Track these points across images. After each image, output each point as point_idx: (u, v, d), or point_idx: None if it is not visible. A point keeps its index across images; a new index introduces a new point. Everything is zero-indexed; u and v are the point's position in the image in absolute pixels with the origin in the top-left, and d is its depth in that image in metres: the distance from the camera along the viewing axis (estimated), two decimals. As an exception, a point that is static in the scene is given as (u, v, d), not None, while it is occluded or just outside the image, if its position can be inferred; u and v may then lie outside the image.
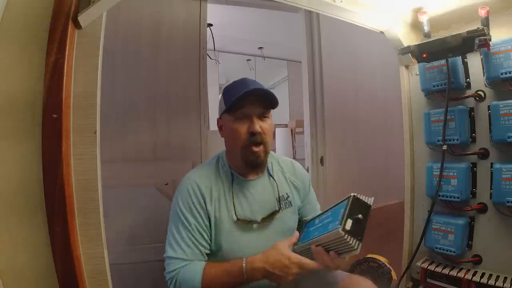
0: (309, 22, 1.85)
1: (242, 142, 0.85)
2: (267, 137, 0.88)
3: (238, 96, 0.83)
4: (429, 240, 1.09)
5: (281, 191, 0.95)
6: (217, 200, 0.88)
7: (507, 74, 0.93)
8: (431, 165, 1.11)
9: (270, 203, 0.93)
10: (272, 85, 5.42)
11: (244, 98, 0.83)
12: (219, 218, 0.87)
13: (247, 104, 0.85)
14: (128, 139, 1.36)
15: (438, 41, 1.01)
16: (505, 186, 0.93)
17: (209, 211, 0.86)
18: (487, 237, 1.00)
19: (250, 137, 0.85)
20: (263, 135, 0.86)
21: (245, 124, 0.85)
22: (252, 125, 0.84)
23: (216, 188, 0.89)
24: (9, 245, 0.62)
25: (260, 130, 0.85)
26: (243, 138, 0.85)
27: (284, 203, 0.95)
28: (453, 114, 1.05)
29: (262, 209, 0.91)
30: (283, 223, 0.94)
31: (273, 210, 0.92)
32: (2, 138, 0.62)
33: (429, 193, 1.12)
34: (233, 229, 0.87)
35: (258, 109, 0.86)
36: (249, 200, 0.91)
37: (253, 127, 0.84)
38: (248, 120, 0.85)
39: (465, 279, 0.98)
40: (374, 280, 0.96)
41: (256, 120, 0.85)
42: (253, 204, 0.91)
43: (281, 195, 0.95)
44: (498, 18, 0.98)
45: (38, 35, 0.64)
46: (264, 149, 0.87)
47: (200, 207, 0.86)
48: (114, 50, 1.33)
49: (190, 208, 0.85)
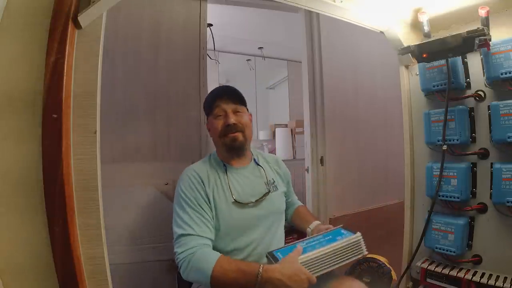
0: (309, 22, 1.85)
1: (220, 132, 1.00)
2: (244, 127, 1.01)
3: (211, 96, 1.02)
4: (429, 240, 1.09)
5: (268, 176, 1.08)
6: (214, 185, 0.98)
7: (507, 74, 0.93)
8: (431, 165, 1.11)
9: (260, 186, 1.04)
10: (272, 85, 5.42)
11: (217, 99, 1.01)
12: (218, 200, 0.96)
13: (221, 103, 1.00)
14: (128, 139, 1.36)
15: (438, 41, 1.01)
16: (505, 186, 0.93)
17: (208, 193, 0.95)
18: (487, 237, 1.00)
19: (226, 127, 0.99)
20: (239, 124, 1.00)
21: (222, 119, 1.00)
22: (226, 118, 0.99)
23: (212, 176, 1.00)
24: (9, 245, 0.62)
25: (235, 121, 0.99)
26: (221, 129, 1.00)
27: (271, 186, 1.07)
28: (453, 114, 1.05)
29: (254, 191, 1.02)
30: (272, 204, 1.04)
31: (264, 192, 1.03)
32: (2, 138, 0.62)
33: (429, 193, 1.12)
34: (230, 209, 0.96)
35: (231, 105, 1.00)
36: (241, 185, 1.01)
37: (227, 120, 0.99)
38: (224, 116, 1.00)
39: (465, 279, 0.98)
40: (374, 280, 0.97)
41: (230, 115, 0.99)
42: (245, 188, 1.01)
43: (269, 180, 1.07)
44: (498, 18, 0.98)
45: (38, 35, 0.64)
46: (242, 135, 1.01)
47: (201, 188, 0.95)
48: (114, 50, 1.33)
49: (192, 189, 0.94)
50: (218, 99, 1.01)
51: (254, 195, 1.01)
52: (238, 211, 0.97)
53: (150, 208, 1.35)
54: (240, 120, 1.01)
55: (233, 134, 0.99)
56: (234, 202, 0.96)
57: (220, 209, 0.95)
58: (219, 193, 0.97)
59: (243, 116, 1.03)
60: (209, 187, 0.96)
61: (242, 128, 1.01)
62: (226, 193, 0.97)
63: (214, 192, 0.96)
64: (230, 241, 0.95)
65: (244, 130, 1.01)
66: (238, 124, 1.00)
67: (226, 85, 1.06)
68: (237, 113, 1.01)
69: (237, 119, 1.00)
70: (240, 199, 0.97)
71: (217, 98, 1.01)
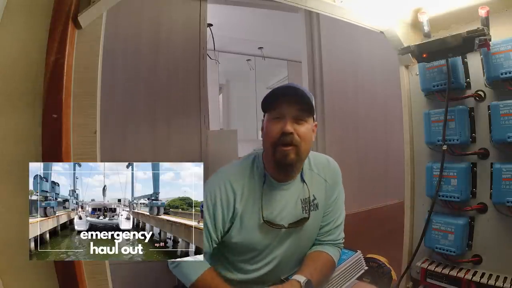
0: (309, 22, 1.85)
1: (273, 140, 0.85)
2: (302, 141, 0.85)
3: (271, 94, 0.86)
4: (429, 240, 1.09)
5: (310, 192, 0.94)
6: (248, 199, 0.88)
7: (507, 74, 0.93)
8: (431, 165, 1.11)
9: (299, 209, 0.92)
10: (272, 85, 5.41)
11: (281, 98, 0.85)
12: (246, 218, 0.87)
13: (283, 104, 0.85)
14: (128, 139, 1.36)
15: (438, 41, 1.01)
16: (505, 186, 0.93)
17: (237, 208, 0.87)
18: (487, 237, 1.00)
19: (281, 136, 0.84)
20: (296, 137, 0.84)
21: (279, 124, 0.85)
22: (284, 125, 0.84)
23: (248, 187, 0.89)
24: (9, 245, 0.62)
25: (292, 131, 0.84)
26: (275, 136, 0.85)
27: (312, 205, 0.94)
28: (453, 114, 1.05)
29: (290, 214, 0.90)
30: (306, 230, 0.93)
31: (302, 217, 0.91)
32: (2, 138, 0.62)
33: (429, 193, 1.12)
34: (257, 229, 0.87)
35: (294, 111, 0.85)
36: (278, 204, 0.90)
37: (285, 127, 0.83)
38: (282, 121, 0.85)
39: (465, 279, 0.98)
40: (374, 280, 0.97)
41: (290, 121, 0.84)
42: (282, 209, 0.90)
43: (309, 197, 0.93)
44: (498, 18, 0.98)
45: (38, 35, 0.64)
46: (295, 151, 0.85)
47: (227, 204, 0.86)
48: (114, 50, 1.33)
49: (216, 207, 0.85)
50: (282, 97, 0.86)
51: (290, 219, 0.90)
52: (265, 231, 0.88)
53: (150, 208, 1.34)
54: (299, 131, 0.85)
55: (285, 148, 0.84)
56: (263, 222, 0.87)
57: (246, 227, 0.87)
58: (250, 210, 0.87)
59: (305, 126, 0.86)
60: (240, 203, 0.87)
61: (298, 141, 0.85)
62: (257, 211, 0.87)
63: (245, 208, 0.87)
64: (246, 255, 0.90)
65: (299, 144, 0.85)
66: (295, 136, 0.84)
67: (296, 86, 0.90)
68: (299, 121, 0.86)
69: (297, 128, 0.85)
70: (272, 220, 0.88)
71: (281, 96, 0.86)
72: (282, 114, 0.85)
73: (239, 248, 0.89)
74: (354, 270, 0.93)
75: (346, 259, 0.97)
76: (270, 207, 0.89)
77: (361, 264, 0.97)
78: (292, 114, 0.85)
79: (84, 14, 0.67)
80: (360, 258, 0.97)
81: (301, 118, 0.86)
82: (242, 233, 0.87)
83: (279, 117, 0.86)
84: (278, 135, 0.84)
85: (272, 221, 0.88)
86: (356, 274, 0.93)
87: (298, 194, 0.93)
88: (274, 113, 0.87)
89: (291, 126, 0.84)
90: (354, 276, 0.93)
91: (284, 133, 0.83)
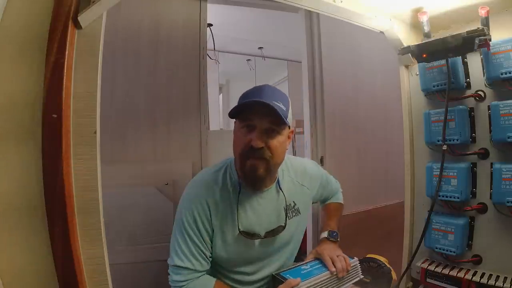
0: (309, 22, 1.85)
1: (241, 152, 0.80)
2: (273, 154, 0.79)
3: (247, 96, 0.79)
4: (429, 240, 1.09)
5: (288, 200, 0.92)
6: (223, 212, 0.85)
7: (507, 74, 0.93)
8: (431, 165, 1.11)
9: (276, 216, 0.90)
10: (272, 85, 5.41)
11: (253, 108, 0.77)
12: (226, 231, 0.85)
13: (253, 112, 0.77)
14: (128, 139, 1.36)
15: (438, 41, 1.01)
16: (505, 186, 0.93)
17: (213, 224, 0.84)
18: (487, 237, 1.00)
19: (250, 150, 0.78)
20: (267, 151, 0.78)
21: (249, 135, 0.78)
22: (254, 139, 0.77)
23: (221, 199, 0.85)
24: (9, 245, 0.62)
25: (263, 145, 0.77)
26: (243, 149, 0.79)
27: (291, 211, 0.92)
28: (453, 114, 1.05)
29: (267, 222, 0.89)
30: (287, 234, 0.92)
31: (279, 224, 0.89)
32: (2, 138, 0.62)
33: (429, 193, 1.12)
34: (235, 240, 0.86)
35: (265, 123, 0.78)
36: (255, 213, 0.88)
37: (254, 142, 0.76)
38: (253, 132, 0.78)
39: (465, 279, 0.98)
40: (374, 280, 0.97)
41: (260, 134, 0.77)
42: (258, 217, 0.88)
43: (288, 204, 0.92)
44: (498, 18, 0.98)
45: (38, 35, 0.64)
46: (265, 165, 0.79)
47: (206, 221, 0.84)
48: (114, 50, 1.33)
49: (196, 221, 0.83)
50: (255, 109, 0.77)
51: (267, 227, 0.88)
52: (245, 243, 0.86)
53: (150, 208, 1.34)
54: (270, 144, 0.78)
55: (254, 160, 0.78)
56: (240, 233, 0.84)
57: (225, 240, 0.85)
58: (228, 222, 0.85)
59: (276, 139, 0.79)
60: (216, 218, 0.84)
61: (268, 156, 0.79)
62: (233, 223, 0.85)
63: (221, 222, 0.85)
64: (235, 267, 0.90)
65: (270, 158, 0.79)
66: (265, 150, 0.78)
67: (273, 89, 0.83)
68: (270, 134, 0.79)
69: (268, 142, 0.78)
70: (248, 230, 0.86)
71: (254, 107, 0.77)
72: (252, 125, 0.78)
73: (231, 262, 0.89)
74: (349, 277, 0.92)
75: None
76: (247, 217, 0.86)
77: (357, 271, 0.95)
78: (264, 126, 0.78)
79: (84, 14, 0.67)
80: (356, 265, 0.95)
81: (274, 129, 0.79)
82: (226, 247, 0.86)
83: (249, 127, 0.79)
84: (247, 148, 0.78)
85: (250, 231, 0.86)
86: (351, 281, 0.93)
87: (276, 202, 0.91)
88: (244, 122, 0.80)
89: (261, 141, 0.77)
90: (349, 282, 0.92)
91: (252, 147, 0.77)
